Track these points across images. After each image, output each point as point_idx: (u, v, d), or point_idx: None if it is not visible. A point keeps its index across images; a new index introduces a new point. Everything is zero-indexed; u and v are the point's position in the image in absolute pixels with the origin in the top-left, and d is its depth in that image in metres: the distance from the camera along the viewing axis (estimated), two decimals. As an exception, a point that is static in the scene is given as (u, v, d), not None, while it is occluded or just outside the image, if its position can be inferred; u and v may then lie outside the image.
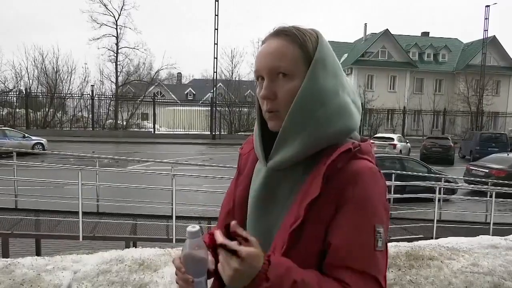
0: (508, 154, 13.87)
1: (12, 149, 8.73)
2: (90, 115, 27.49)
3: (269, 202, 0.89)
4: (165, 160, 9.52)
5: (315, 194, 0.79)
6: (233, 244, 0.73)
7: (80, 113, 28.44)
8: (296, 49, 0.84)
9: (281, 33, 0.87)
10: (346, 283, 0.75)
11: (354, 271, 0.76)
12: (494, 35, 35.38)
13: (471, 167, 13.19)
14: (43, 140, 17.52)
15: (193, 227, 0.83)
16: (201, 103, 34.33)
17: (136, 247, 4.82)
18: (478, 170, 12.60)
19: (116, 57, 32.48)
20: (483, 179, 10.49)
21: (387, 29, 35.50)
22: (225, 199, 1.03)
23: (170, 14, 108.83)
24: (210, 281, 0.93)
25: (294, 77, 0.84)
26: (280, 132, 0.85)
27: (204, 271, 0.85)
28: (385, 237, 0.80)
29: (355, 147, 0.83)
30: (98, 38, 32.01)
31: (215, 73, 27.60)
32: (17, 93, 28.46)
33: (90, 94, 27.47)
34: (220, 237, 0.74)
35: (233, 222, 0.76)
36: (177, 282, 0.88)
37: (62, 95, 29.23)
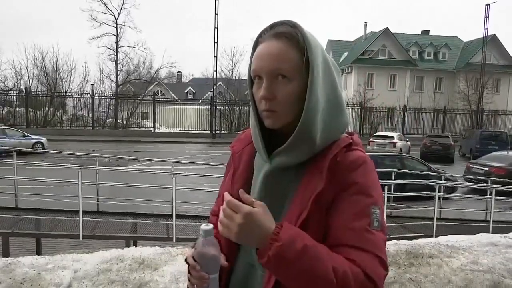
0: (508, 152, 13.87)
1: (12, 148, 8.72)
2: (90, 114, 27.46)
3: (271, 197, 0.91)
4: (165, 159, 9.51)
5: (320, 187, 0.84)
6: (237, 202, 0.78)
7: (80, 112, 28.42)
8: (296, 53, 0.87)
9: (283, 35, 0.88)
10: (349, 258, 0.78)
11: (354, 248, 0.79)
12: (494, 34, 35.38)
13: (471, 165, 13.20)
14: (43, 139, 17.50)
15: (206, 225, 0.87)
16: (201, 102, 34.30)
17: (136, 246, 4.83)
18: (478, 168, 12.60)
19: (116, 56, 32.45)
20: (483, 177, 10.49)
21: (387, 27, 35.47)
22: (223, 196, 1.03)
23: (170, 13, 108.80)
24: None
25: (292, 79, 0.87)
26: (292, 137, 0.88)
27: (218, 268, 0.89)
28: (381, 218, 0.84)
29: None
30: (98, 37, 32.02)
31: (215, 72, 27.59)
32: (17, 92, 28.47)
33: (90, 93, 27.45)
34: (228, 196, 0.80)
35: (240, 190, 0.81)
36: (189, 280, 0.91)
37: (62, 94, 29.22)
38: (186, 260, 0.92)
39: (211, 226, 0.86)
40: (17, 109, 26.79)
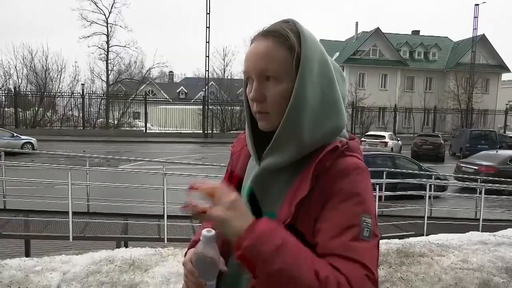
0: (497, 151, 14.06)
1: (0, 149, 8.59)
2: (81, 114, 27.21)
3: (260, 200, 0.89)
4: (157, 159, 9.46)
5: (304, 193, 0.80)
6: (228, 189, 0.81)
7: (70, 112, 28.08)
8: (284, 51, 0.83)
9: (270, 34, 0.85)
10: (335, 267, 0.73)
11: (341, 257, 0.74)
12: (483, 34, 35.78)
13: (461, 164, 13.35)
14: (33, 140, 17.29)
15: (208, 232, 0.83)
16: (193, 101, 34.21)
17: (127, 247, 4.78)
18: (468, 167, 12.75)
19: (107, 55, 32.11)
20: (473, 176, 10.61)
21: (378, 27, 35.69)
22: None
23: (162, 12, 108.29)
24: None
25: (282, 79, 0.84)
26: (275, 136, 0.85)
27: (216, 274, 0.85)
28: (374, 229, 0.78)
29: (342, 145, 0.84)
30: (88, 36, 31.61)
31: (207, 72, 27.54)
32: (5, 91, 28.05)
33: (81, 93, 27.20)
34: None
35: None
36: (186, 284, 0.89)
37: (52, 94, 28.85)
38: (184, 264, 0.89)
39: (213, 232, 0.82)
40: (6, 109, 26.41)
